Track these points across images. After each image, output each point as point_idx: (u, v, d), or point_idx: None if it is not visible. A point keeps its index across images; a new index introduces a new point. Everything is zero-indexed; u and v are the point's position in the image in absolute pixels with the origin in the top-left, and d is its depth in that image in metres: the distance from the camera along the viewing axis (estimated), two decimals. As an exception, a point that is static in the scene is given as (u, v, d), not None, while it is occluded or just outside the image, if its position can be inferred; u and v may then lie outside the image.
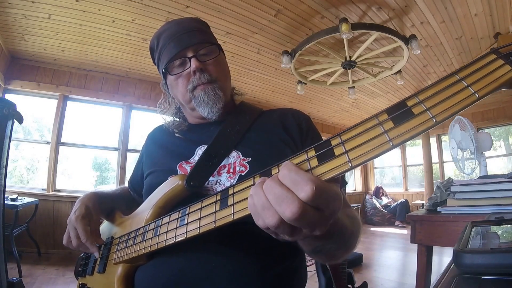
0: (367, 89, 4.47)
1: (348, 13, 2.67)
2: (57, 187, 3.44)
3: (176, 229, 0.48)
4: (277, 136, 0.66)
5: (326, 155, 0.32)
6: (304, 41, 2.87)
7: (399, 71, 3.45)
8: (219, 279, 0.51)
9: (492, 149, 2.08)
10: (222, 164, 0.62)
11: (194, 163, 0.63)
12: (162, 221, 0.53)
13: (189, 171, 0.60)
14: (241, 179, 0.44)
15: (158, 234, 0.52)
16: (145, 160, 0.77)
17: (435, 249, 1.43)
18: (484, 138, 1.81)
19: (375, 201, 6.40)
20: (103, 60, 3.45)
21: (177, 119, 0.79)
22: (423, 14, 2.69)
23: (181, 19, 0.72)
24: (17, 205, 2.51)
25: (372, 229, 5.71)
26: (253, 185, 0.36)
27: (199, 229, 0.44)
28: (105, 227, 0.74)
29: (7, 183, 1.65)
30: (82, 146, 3.79)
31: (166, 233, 0.50)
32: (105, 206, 0.73)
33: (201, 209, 0.45)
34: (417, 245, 1.34)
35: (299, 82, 3.70)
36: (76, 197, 0.71)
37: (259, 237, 0.48)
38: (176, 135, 0.74)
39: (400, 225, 5.73)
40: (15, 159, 3.76)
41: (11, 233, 2.38)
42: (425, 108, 0.29)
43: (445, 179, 1.57)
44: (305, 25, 2.86)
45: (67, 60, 3.42)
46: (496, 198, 1.14)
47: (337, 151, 0.32)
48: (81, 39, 2.97)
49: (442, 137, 5.99)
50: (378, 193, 6.62)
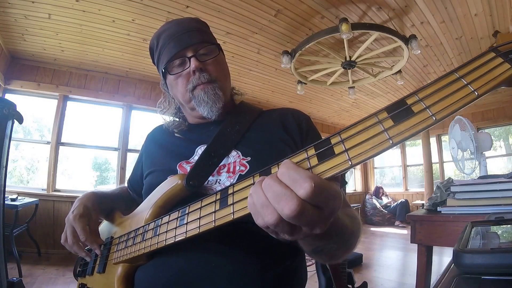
0: (367, 89, 4.47)
1: (348, 13, 2.67)
2: (57, 187, 3.44)
3: (175, 228, 0.48)
4: (277, 135, 0.66)
5: (326, 153, 0.32)
6: (304, 41, 2.87)
7: (399, 71, 3.45)
8: (219, 279, 0.50)
9: (492, 149, 2.08)
10: (221, 163, 0.62)
11: (194, 163, 0.63)
12: (161, 220, 0.53)
13: (188, 171, 0.60)
14: (241, 178, 0.44)
15: (157, 233, 0.52)
16: (145, 160, 0.77)
17: (435, 249, 1.43)
18: (484, 138, 1.81)
19: (375, 201, 6.40)
20: (103, 60, 3.45)
21: (177, 119, 0.79)
22: (423, 14, 2.69)
23: (181, 19, 0.72)
24: (17, 205, 2.51)
25: (372, 229, 5.71)
26: (252, 184, 0.36)
27: (199, 229, 0.44)
28: (104, 227, 0.74)
29: (7, 183, 1.64)
30: (82, 146, 3.79)
31: (165, 232, 0.50)
32: (104, 206, 0.73)
33: (200, 208, 0.45)
34: (417, 245, 1.34)
35: (299, 82, 3.69)
36: (76, 197, 0.71)
37: (259, 236, 0.48)
38: (176, 135, 0.74)
39: (400, 225, 5.73)
40: (15, 159, 3.76)
41: (11, 233, 2.38)
42: (425, 106, 0.29)
43: (445, 179, 1.57)
44: (305, 25, 2.86)
45: (67, 60, 3.42)
46: (496, 198, 1.14)
47: (337, 150, 0.31)
48: (81, 39, 2.97)
49: (442, 137, 5.98)
50: (378, 193, 6.62)
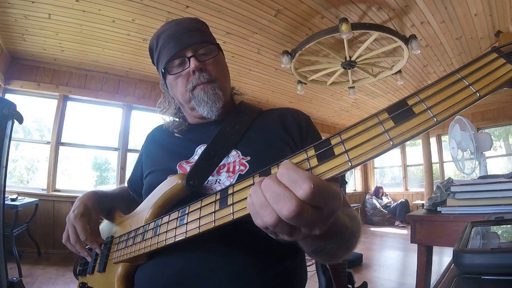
0: (367, 89, 4.47)
1: (348, 13, 2.67)
2: (57, 187, 3.44)
3: (175, 228, 0.48)
4: (277, 135, 0.66)
5: (325, 154, 0.32)
6: (304, 41, 2.87)
7: (399, 71, 3.45)
8: (219, 279, 0.50)
9: (492, 149, 2.08)
10: (221, 163, 0.62)
11: (193, 163, 0.63)
12: (161, 220, 0.53)
13: (188, 171, 0.60)
14: (241, 178, 0.44)
15: (157, 233, 0.52)
16: (145, 160, 0.77)
17: (435, 249, 1.43)
18: (484, 138, 1.81)
19: (375, 201, 6.40)
20: (103, 60, 3.44)
21: (177, 119, 0.79)
22: (423, 14, 2.69)
23: (180, 19, 0.72)
24: (17, 205, 2.51)
25: (372, 229, 5.71)
26: (252, 184, 0.36)
27: (199, 229, 0.44)
28: (105, 226, 0.74)
29: (7, 183, 1.64)
30: (82, 146, 3.79)
31: (165, 232, 0.50)
32: (104, 205, 0.73)
33: (200, 208, 0.45)
34: (417, 245, 1.34)
35: (299, 82, 3.69)
36: (76, 197, 0.71)
37: (259, 236, 0.47)
38: (175, 135, 0.74)
39: (400, 225, 5.73)
40: (15, 159, 3.75)
41: (11, 233, 2.38)
42: (426, 107, 0.29)
43: (445, 179, 1.57)
44: (305, 25, 2.85)
45: (67, 60, 3.42)
46: (496, 198, 1.14)
47: (337, 151, 0.31)
48: (81, 39, 2.97)
49: (442, 137, 5.98)
50: (378, 193, 6.62)
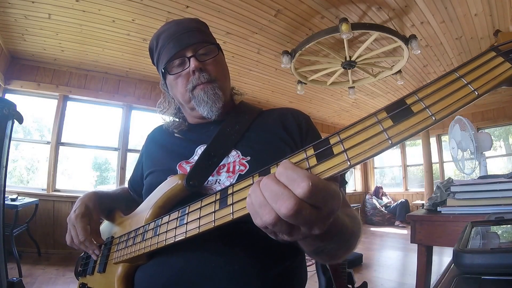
0: (367, 89, 4.47)
1: (348, 13, 2.67)
2: (57, 187, 3.44)
3: (175, 228, 0.48)
4: (277, 135, 0.66)
5: (324, 153, 0.32)
6: (304, 41, 2.87)
7: (399, 71, 3.45)
8: (219, 279, 0.51)
9: (492, 149, 2.08)
10: (221, 163, 0.62)
11: (193, 163, 0.63)
12: (161, 220, 0.53)
13: (188, 171, 0.60)
14: (241, 178, 0.44)
15: (157, 233, 0.52)
16: (145, 160, 0.77)
17: (435, 249, 1.43)
18: (484, 138, 1.81)
19: (375, 201, 6.40)
20: (103, 60, 3.45)
21: (177, 119, 0.79)
22: (423, 14, 2.69)
23: (180, 19, 0.72)
24: (17, 205, 2.50)
25: (372, 229, 5.70)
26: (252, 184, 0.36)
27: (199, 229, 0.44)
28: (105, 226, 0.74)
29: (7, 183, 1.64)
30: (82, 146, 3.79)
31: (165, 232, 0.50)
32: (105, 205, 0.73)
33: (200, 208, 0.45)
34: (417, 245, 1.34)
35: (299, 82, 3.69)
36: (76, 197, 0.71)
37: (258, 236, 0.47)
38: (175, 135, 0.74)
39: (400, 225, 5.73)
40: (15, 159, 3.75)
41: (11, 233, 2.38)
42: (424, 106, 0.29)
43: (445, 179, 1.57)
44: (305, 25, 2.86)
45: (67, 60, 3.42)
46: (496, 198, 1.14)
47: (336, 150, 0.31)
48: (81, 39, 2.97)
49: (442, 137, 5.98)
50: (378, 193, 6.62)
